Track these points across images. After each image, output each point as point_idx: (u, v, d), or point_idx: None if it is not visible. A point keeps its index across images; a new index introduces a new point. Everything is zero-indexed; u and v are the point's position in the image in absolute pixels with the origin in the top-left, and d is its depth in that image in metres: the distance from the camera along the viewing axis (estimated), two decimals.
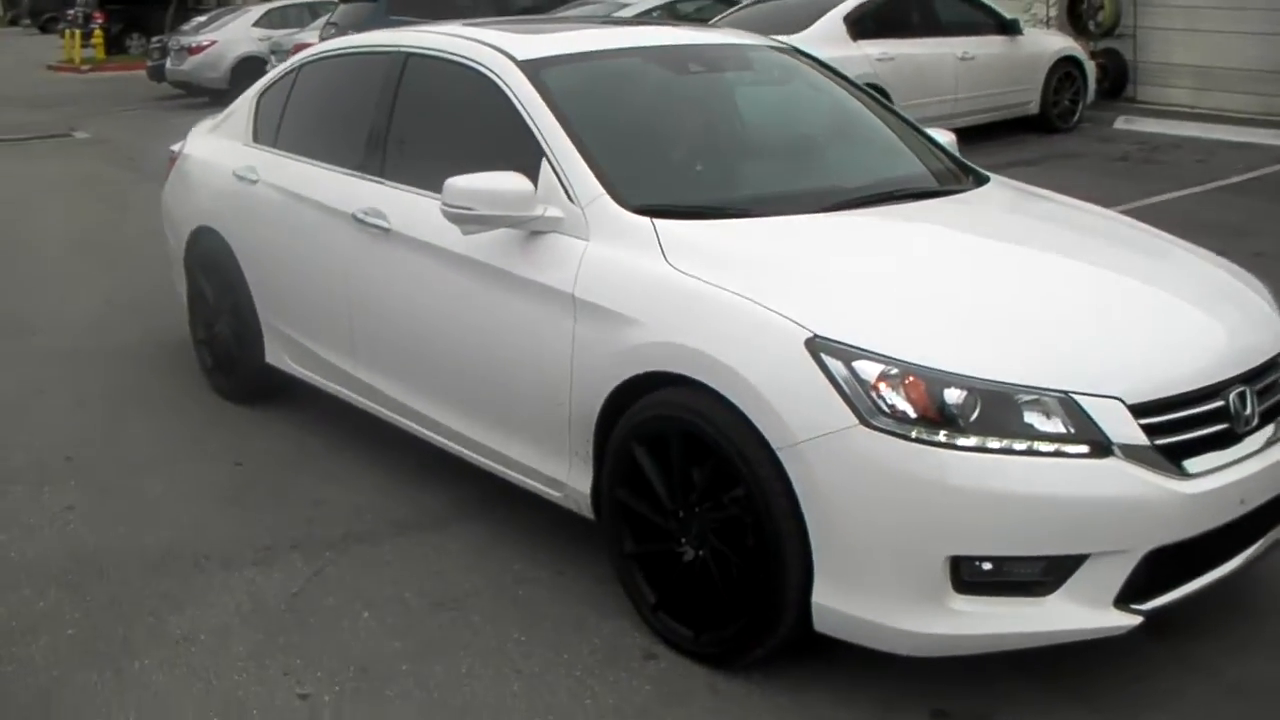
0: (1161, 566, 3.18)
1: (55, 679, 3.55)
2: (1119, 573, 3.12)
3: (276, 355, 5.37)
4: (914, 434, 3.05)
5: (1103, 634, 3.17)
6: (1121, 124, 13.73)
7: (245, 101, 5.77)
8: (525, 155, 4.01)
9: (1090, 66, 13.79)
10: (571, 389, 3.75)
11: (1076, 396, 3.10)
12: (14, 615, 3.90)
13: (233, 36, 19.38)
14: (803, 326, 3.21)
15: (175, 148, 6.27)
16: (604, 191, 3.82)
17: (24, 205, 11.29)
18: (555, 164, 3.93)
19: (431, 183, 4.31)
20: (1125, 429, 3.11)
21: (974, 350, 3.18)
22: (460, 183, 3.87)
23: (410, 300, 4.39)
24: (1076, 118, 13.51)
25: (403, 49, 4.78)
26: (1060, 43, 13.63)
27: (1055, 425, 3.08)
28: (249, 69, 18.51)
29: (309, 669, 3.55)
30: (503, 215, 3.85)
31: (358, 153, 4.78)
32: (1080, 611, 3.13)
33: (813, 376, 3.15)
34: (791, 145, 4.61)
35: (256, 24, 19.67)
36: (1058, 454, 3.07)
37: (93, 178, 12.87)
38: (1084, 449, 3.08)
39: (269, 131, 5.46)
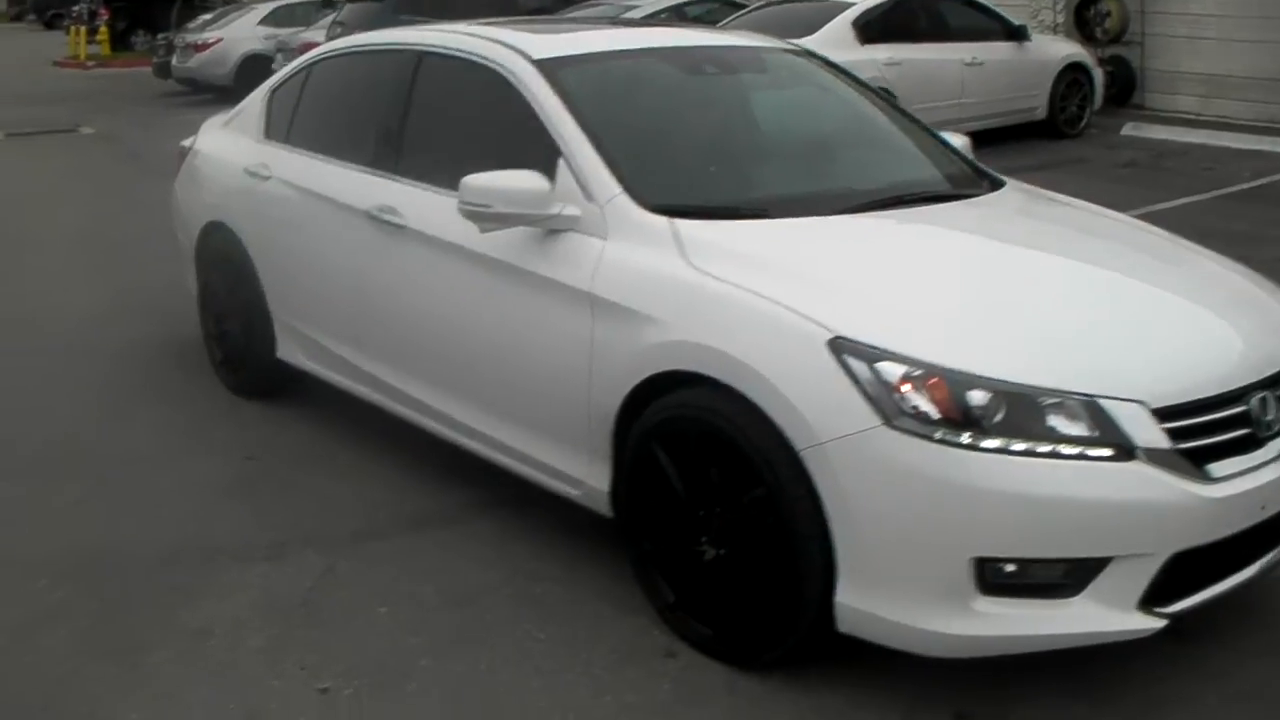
0: (1184, 570, 3.17)
1: (71, 672, 3.54)
2: (1143, 576, 3.11)
3: (288, 350, 5.36)
4: (937, 435, 3.04)
5: (1127, 637, 3.16)
6: (1129, 130, 13.74)
7: (257, 98, 5.77)
8: (542, 154, 4.00)
9: (1098, 73, 13.79)
10: (590, 387, 3.74)
11: (1100, 400, 3.09)
12: (28, 609, 3.88)
13: (238, 34, 19.36)
14: (825, 327, 3.20)
15: (186, 143, 6.26)
16: (622, 190, 3.82)
17: (32, 200, 11.30)
18: (572, 163, 3.92)
19: (447, 180, 4.30)
20: (1149, 433, 3.10)
21: (998, 353, 3.17)
22: (477, 180, 3.86)
23: (426, 297, 4.38)
24: (1084, 124, 13.52)
25: (417, 47, 4.78)
26: (1067, 49, 13.63)
27: (1079, 428, 3.07)
28: (254, 67, 18.50)
29: (326, 664, 3.54)
30: (519, 213, 3.84)
31: (371, 150, 4.77)
32: (1105, 614, 3.12)
33: (835, 377, 3.14)
34: (806, 147, 4.59)
35: (262, 22, 19.63)
36: (1081, 457, 3.05)
37: (98, 173, 12.88)
38: (1108, 452, 3.06)
39: (281, 128, 5.45)
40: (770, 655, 3.41)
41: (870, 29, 11.81)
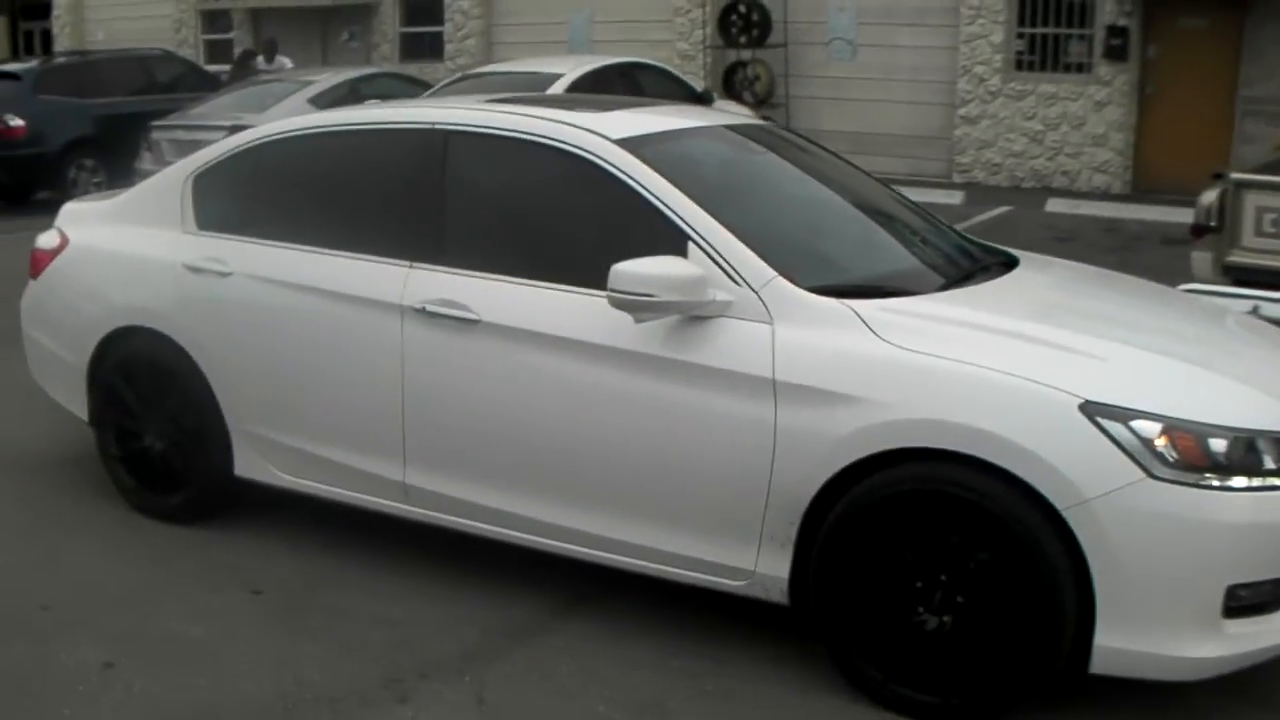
0: None
1: None
2: None
3: (255, 466, 4.85)
4: (1192, 480, 3.34)
5: None
6: None
7: (167, 184, 5.13)
8: (656, 237, 3.92)
9: None
10: (772, 475, 3.70)
11: None
12: None
13: None
14: (1072, 394, 3.42)
15: (44, 242, 5.51)
16: (776, 273, 3.82)
17: None
18: (708, 246, 3.87)
19: (530, 270, 4.15)
20: None
21: (1219, 403, 3.52)
22: (632, 268, 3.74)
23: (515, 396, 4.12)
24: None
25: (439, 126, 4.49)
26: (744, 113, 14.45)
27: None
28: None
29: None
30: (679, 301, 3.74)
31: (394, 240, 4.44)
32: None
33: (1093, 439, 3.37)
34: (868, 224, 4.70)
35: None
36: None
37: None
38: None
39: (224, 218, 4.90)
40: (1012, 709, 3.55)
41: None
